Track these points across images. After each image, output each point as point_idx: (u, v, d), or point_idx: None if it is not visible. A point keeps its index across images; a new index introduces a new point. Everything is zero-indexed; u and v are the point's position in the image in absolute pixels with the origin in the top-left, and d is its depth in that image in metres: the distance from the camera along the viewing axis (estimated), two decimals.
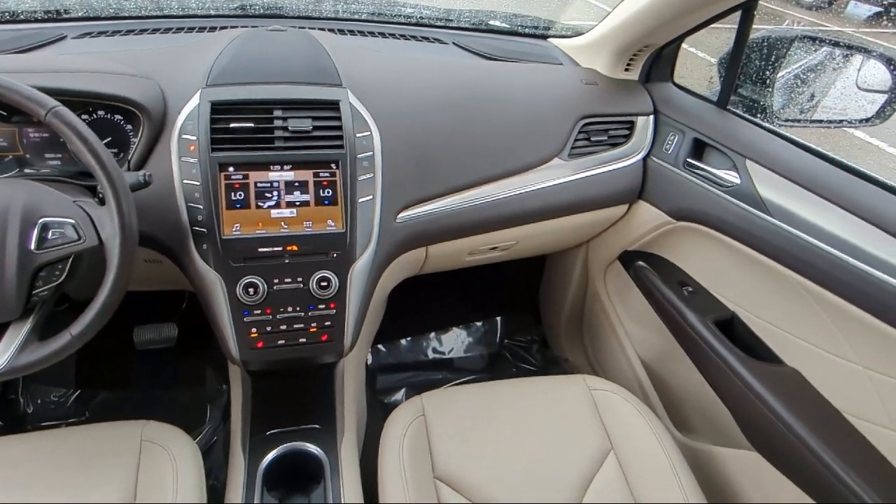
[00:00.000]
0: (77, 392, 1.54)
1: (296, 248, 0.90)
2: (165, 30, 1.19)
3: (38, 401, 1.52)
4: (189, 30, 1.20)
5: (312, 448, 1.05)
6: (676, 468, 0.98)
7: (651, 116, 1.25)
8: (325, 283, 0.90)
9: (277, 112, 0.91)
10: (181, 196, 0.88)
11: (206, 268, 0.88)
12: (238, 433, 1.09)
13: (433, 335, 1.86)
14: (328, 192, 0.92)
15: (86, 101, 0.87)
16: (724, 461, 1.11)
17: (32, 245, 0.67)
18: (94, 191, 0.80)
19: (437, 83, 1.13)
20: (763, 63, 1.19)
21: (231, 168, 0.88)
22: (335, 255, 0.91)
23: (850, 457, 0.85)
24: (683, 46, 1.23)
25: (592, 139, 1.20)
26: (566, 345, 1.76)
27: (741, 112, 1.14)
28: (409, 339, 1.83)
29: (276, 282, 0.89)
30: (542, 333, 1.89)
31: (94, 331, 0.71)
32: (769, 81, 1.20)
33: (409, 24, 1.42)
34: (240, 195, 0.88)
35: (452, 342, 1.86)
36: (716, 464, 1.12)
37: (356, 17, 1.40)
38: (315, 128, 0.92)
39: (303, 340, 0.92)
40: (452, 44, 1.34)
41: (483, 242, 1.19)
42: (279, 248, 0.89)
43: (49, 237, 0.68)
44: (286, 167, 0.90)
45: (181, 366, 1.60)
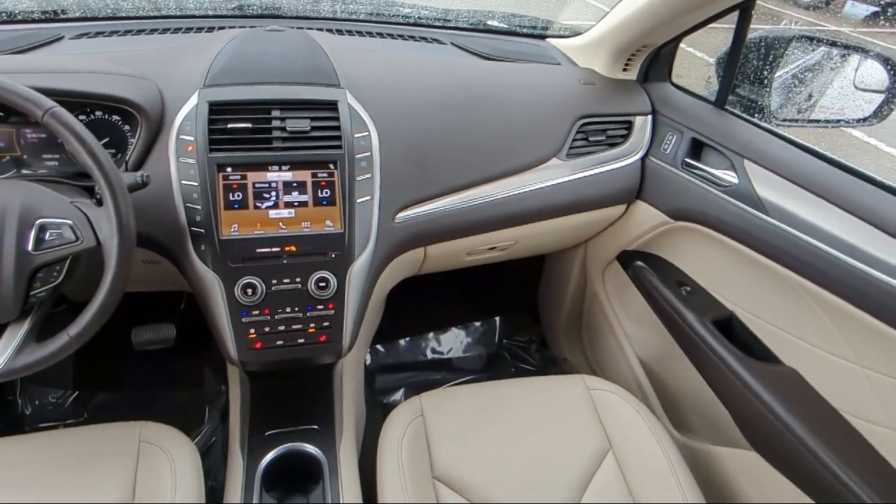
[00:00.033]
0: (75, 393, 1.54)
1: (294, 249, 0.90)
2: (163, 30, 1.19)
3: (36, 402, 1.52)
4: (187, 30, 1.19)
5: (311, 449, 1.04)
6: (675, 468, 0.99)
7: (649, 116, 1.25)
8: (324, 284, 0.90)
9: (275, 112, 0.91)
10: (179, 197, 0.87)
11: (205, 268, 0.88)
12: (237, 434, 1.08)
13: (432, 335, 1.86)
14: (326, 193, 0.91)
15: (83, 102, 0.87)
16: (723, 461, 1.11)
17: (30, 246, 0.67)
18: (92, 191, 0.80)
19: (436, 83, 1.13)
20: (761, 63, 1.19)
21: (229, 168, 0.88)
22: (333, 256, 0.91)
23: (849, 456, 0.85)
24: (681, 46, 1.23)
25: (590, 139, 1.21)
26: (565, 345, 1.76)
27: (739, 112, 1.14)
28: (408, 340, 1.83)
29: (275, 282, 0.89)
30: (541, 333, 1.89)
31: (92, 332, 0.71)
32: (767, 81, 1.20)
33: (408, 25, 1.42)
34: (238, 196, 0.88)
35: (451, 342, 1.86)
36: (714, 463, 1.13)
37: (354, 18, 1.40)
38: (313, 128, 0.92)
39: (301, 341, 0.92)
40: (451, 44, 1.34)
41: (481, 242, 1.19)
42: (277, 249, 0.89)
43: (46, 238, 0.68)
44: (284, 167, 0.90)
45: (179, 367, 1.60)
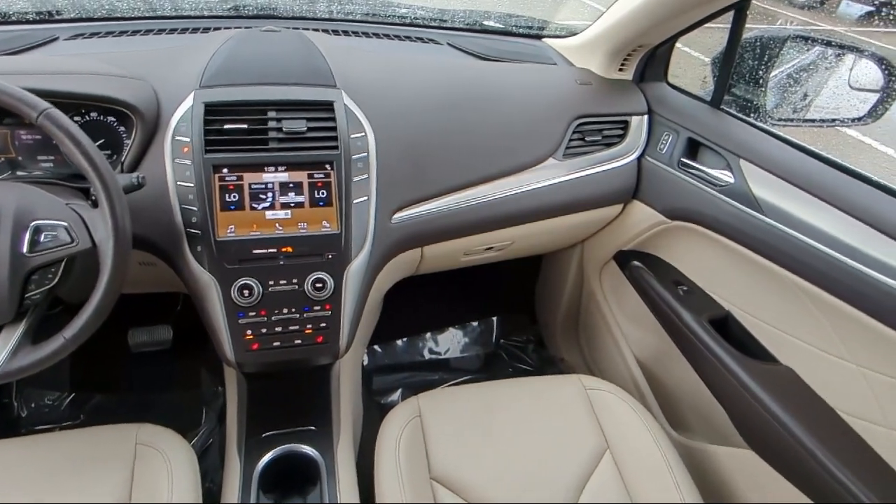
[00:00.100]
0: (71, 395, 1.53)
1: (290, 250, 0.90)
2: (158, 31, 1.18)
3: (32, 404, 1.51)
4: (182, 31, 1.19)
5: (308, 450, 1.04)
6: (672, 467, 0.99)
7: (645, 116, 1.25)
8: (321, 285, 0.90)
9: (271, 113, 0.91)
10: (175, 198, 0.87)
11: (201, 270, 0.87)
12: (234, 435, 1.08)
13: (429, 336, 1.86)
14: (323, 194, 0.91)
15: (78, 103, 0.87)
16: (720, 459, 1.11)
17: (24, 248, 0.67)
18: (87, 193, 0.79)
19: (432, 84, 1.13)
20: (756, 63, 1.19)
21: (225, 169, 0.88)
22: (330, 257, 0.91)
23: (845, 454, 0.86)
24: (677, 45, 1.23)
25: (587, 139, 1.21)
26: (562, 344, 1.76)
27: (735, 112, 1.15)
28: (405, 340, 1.83)
29: (271, 283, 0.89)
30: (538, 333, 1.89)
31: (88, 334, 0.71)
32: (762, 81, 1.21)
33: (404, 25, 1.42)
34: (234, 197, 0.88)
35: (448, 342, 1.86)
36: (711, 462, 1.13)
37: (350, 18, 1.40)
38: (309, 129, 0.92)
39: (298, 342, 0.92)
40: (447, 44, 1.34)
41: (478, 243, 1.19)
42: (274, 250, 0.89)
43: (41, 240, 0.68)
44: (280, 168, 0.90)
45: (176, 368, 1.60)
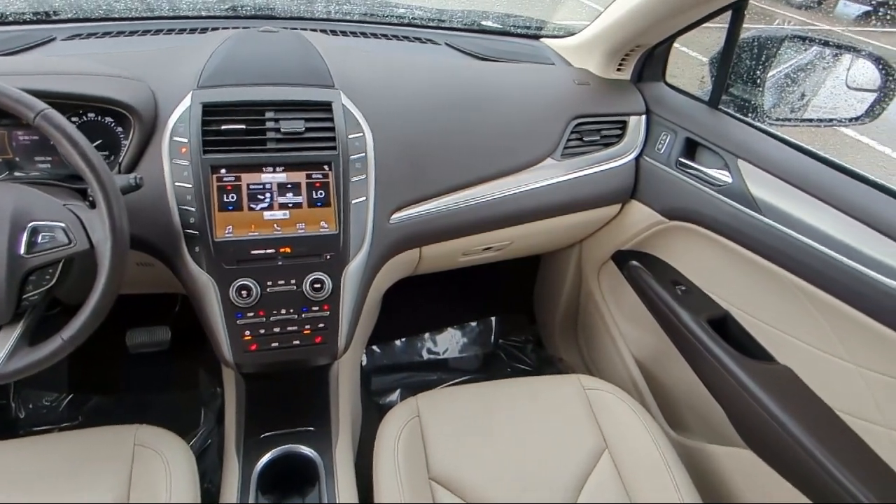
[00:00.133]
0: (69, 396, 1.53)
1: (289, 250, 0.89)
2: (156, 31, 1.18)
3: (30, 405, 1.51)
4: (180, 31, 1.19)
5: (307, 450, 1.04)
6: (671, 466, 0.99)
7: (643, 116, 1.25)
8: (319, 285, 0.90)
9: (269, 114, 0.91)
10: (173, 198, 0.87)
11: (199, 270, 0.87)
12: (232, 436, 1.08)
13: (428, 336, 1.86)
14: (321, 194, 0.91)
15: (75, 104, 0.86)
16: (718, 459, 1.11)
17: (22, 249, 0.67)
18: (85, 194, 0.79)
19: (430, 84, 1.13)
20: (754, 62, 1.20)
21: (223, 170, 0.88)
22: (328, 257, 0.91)
23: (842, 454, 0.86)
24: (675, 45, 1.23)
25: (585, 139, 1.21)
26: (560, 344, 1.76)
27: (733, 111, 1.15)
28: (404, 340, 1.83)
29: (270, 284, 0.89)
30: (537, 333, 1.89)
31: (86, 335, 0.70)
32: (760, 81, 1.21)
33: (402, 25, 1.42)
34: (232, 197, 0.88)
35: (447, 343, 1.86)
36: (710, 462, 1.13)
37: (348, 18, 1.40)
38: (307, 129, 0.91)
39: (296, 343, 0.92)
40: (445, 44, 1.34)
41: (477, 243, 1.19)
42: (272, 251, 0.89)
43: (39, 241, 0.68)
44: (278, 169, 0.90)
45: (174, 369, 1.60)
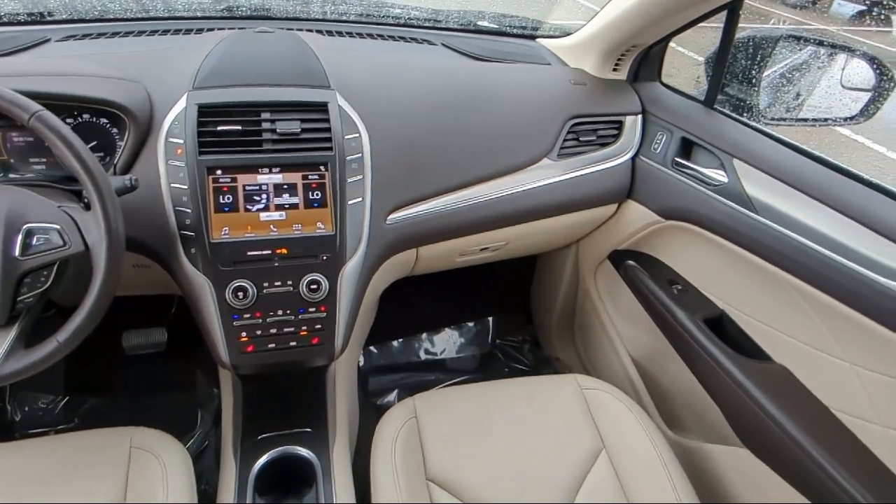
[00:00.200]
0: (65, 398, 1.52)
1: (285, 251, 0.89)
2: (151, 32, 1.18)
3: (26, 408, 1.50)
4: (175, 32, 1.18)
5: (304, 451, 1.04)
6: (667, 465, 0.99)
7: (639, 116, 1.26)
8: (315, 286, 0.90)
9: (265, 114, 0.91)
10: (169, 200, 0.87)
11: (195, 272, 0.87)
12: (229, 437, 1.08)
13: (425, 336, 1.86)
14: (317, 195, 0.91)
15: (70, 105, 0.86)
16: (715, 458, 1.12)
17: (16, 252, 0.66)
18: (80, 196, 0.79)
19: (426, 84, 1.13)
20: (749, 62, 1.20)
21: (219, 171, 0.87)
22: (325, 258, 0.91)
23: (838, 452, 0.86)
24: (671, 45, 1.24)
25: (581, 139, 1.21)
26: (557, 344, 1.76)
27: (728, 111, 1.15)
28: (401, 341, 1.83)
29: (266, 285, 0.89)
30: (534, 333, 1.90)
31: (81, 337, 0.70)
32: (755, 80, 1.21)
33: (398, 25, 1.42)
34: (228, 198, 0.88)
35: (444, 343, 1.86)
36: (706, 461, 1.13)
37: (344, 19, 1.40)
38: (303, 130, 0.91)
39: (293, 344, 0.91)
40: (441, 45, 1.34)
41: (474, 243, 1.19)
42: (268, 252, 0.89)
43: (34, 243, 0.67)
44: (275, 170, 0.90)
45: (171, 371, 1.59)
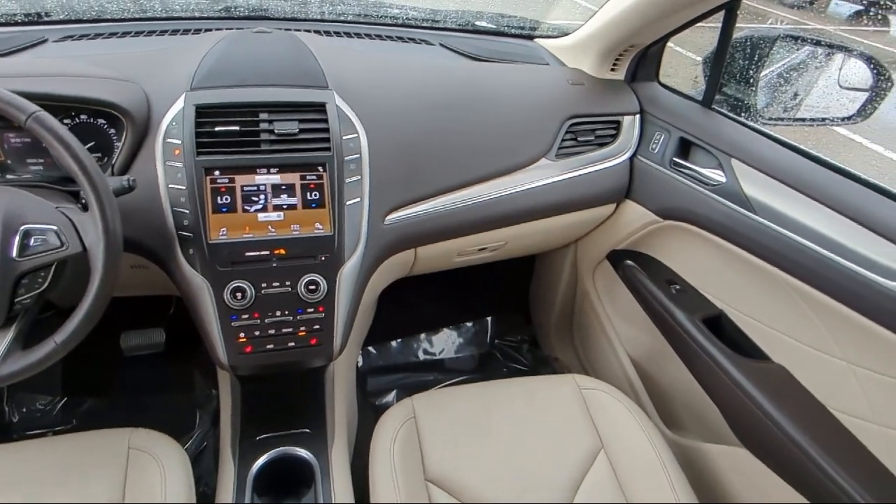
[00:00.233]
0: (63, 400, 1.52)
1: (283, 252, 0.89)
2: (149, 32, 1.17)
3: (24, 409, 1.50)
4: (173, 32, 1.18)
5: (303, 452, 1.04)
6: (666, 465, 0.99)
7: (637, 116, 1.26)
8: (314, 287, 0.90)
9: (263, 115, 0.91)
10: (166, 201, 0.87)
11: (193, 273, 0.87)
12: (228, 438, 1.08)
13: (424, 336, 1.86)
14: (315, 195, 0.91)
15: (67, 106, 0.86)
16: (713, 457, 1.12)
17: (14, 253, 0.66)
18: (78, 196, 0.79)
19: (424, 84, 1.13)
20: (747, 62, 1.20)
21: (217, 172, 0.87)
22: (323, 259, 0.91)
23: (836, 451, 0.86)
24: (668, 45, 1.24)
25: (579, 139, 1.21)
26: (556, 344, 1.76)
27: (726, 111, 1.15)
28: (400, 341, 1.83)
29: (264, 286, 0.89)
30: (533, 333, 1.90)
31: (79, 338, 0.70)
32: (753, 80, 1.21)
33: (396, 26, 1.42)
34: (226, 199, 0.88)
35: (443, 343, 1.86)
36: (705, 460, 1.13)
37: (342, 19, 1.40)
38: (301, 130, 0.91)
39: (292, 344, 0.91)
40: (439, 45, 1.34)
41: (472, 243, 1.19)
42: (266, 252, 0.89)
43: (31, 244, 0.67)
44: (273, 170, 0.90)
45: (169, 371, 1.59)
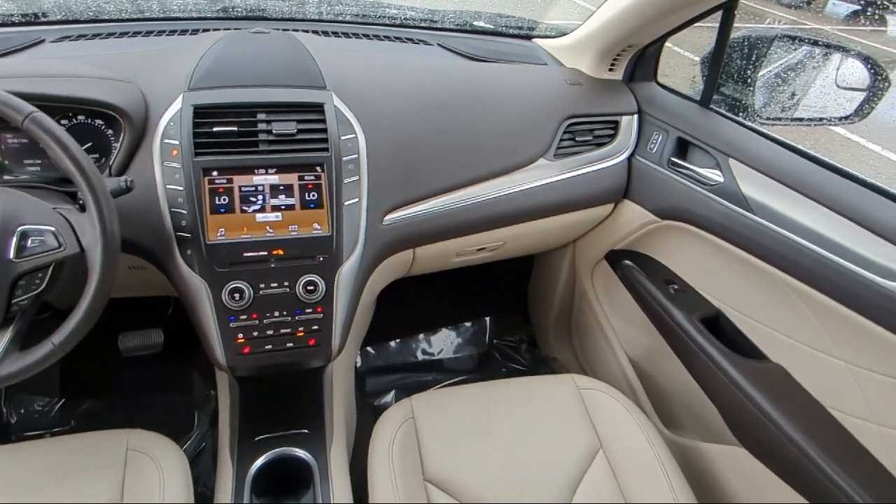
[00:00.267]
0: (62, 401, 1.52)
1: (281, 253, 0.89)
2: (146, 33, 1.17)
3: (22, 410, 1.50)
4: (170, 33, 1.18)
5: (301, 453, 1.04)
6: (664, 465, 0.99)
7: (635, 116, 1.26)
8: (312, 287, 0.89)
9: (261, 115, 0.91)
10: (164, 201, 0.87)
11: (191, 273, 0.87)
12: (226, 439, 1.07)
13: (422, 336, 1.86)
14: (313, 196, 0.91)
15: (65, 106, 0.86)
16: (712, 457, 1.12)
17: (11, 254, 0.66)
18: (75, 197, 0.79)
19: (422, 84, 1.13)
20: (744, 62, 1.20)
21: (215, 172, 0.87)
22: (321, 259, 0.91)
23: (833, 450, 0.86)
24: (666, 44, 1.24)
25: (577, 139, 1.21)
26: (555, 344, 1.76)
27: (724, 111, 1.16)
28: (399, 341, 1.83)
29: (262, 286, 0.89)
30: (531, 333, 1.90)
31: (77, 340, 0.70)
32: (751, 80, 1.21)
33: (394, 26, 1.42)
34: (224, 200, 0.88)
35: (441, 343, 1.86)
36: (703, 460, 1.13)
37: (340, 19, 1.40)
38: (299, 131, 0.91)
39: (290, 345, 0.91)
40: (437, 45, 1.33)
41: (470, 243, 1.19)
42: (265, 253, 0.88)
43: (28, 245, 0.67)
44: (271, 171, 0.90)
45: (168, 372, 1.59)
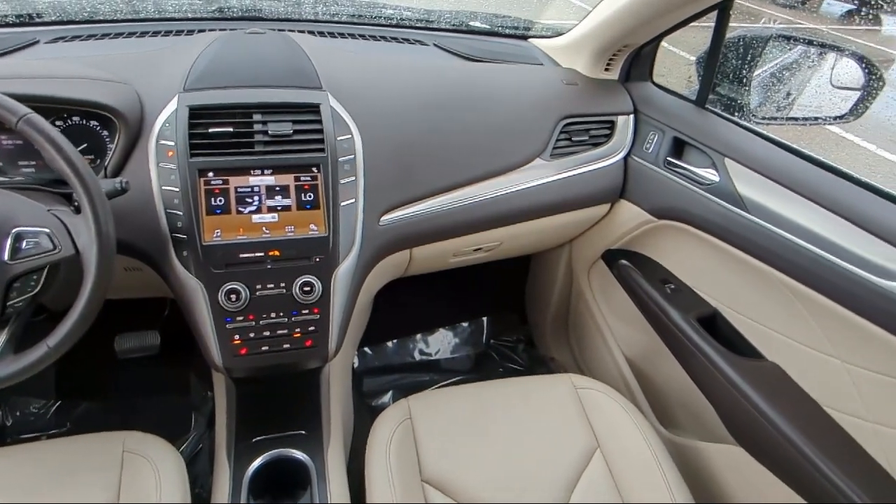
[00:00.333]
0: (57, 403, 1.51)
1: (278, 254, 0.89)
2: (141, 34, 1.17)
3: (17, 413, 1.49)
4: (166, 33, 1.18)
5: (298, 454, 1.04)
6: (661, 464, 0.99)
7: (631, 116, 1.26)
8: (309, 288, 0.89)
9: (257, 116, 0.91)
10: (160, 202, 0.86)
11: (187, 275, 0.87)
12: (223, 441, 1.07)
13: (419, 337, 1.86)
14: (310, 196, 0.91)
15: (59, 108, 0.85)
16: (709, 456, 1.12)
17: (5, 256, 0.66)
18: (70, 199, 0.78)
19: (419, 85, 1.12)
20: (740, 62, 1.21)
21: (211, 173, 0.87)
22: (318, 260, 0.91)
23: (830, 449, 0.87)
24: (662, 44, 1.24)
25: (574, 139, 1.21)
26: (552, 344, 1.77)
27: (720, 111, 1.16)
28: (396, 342, 1.83)
29: (259, 288, 0.88)
30: (528, 333, 1.90)
31: (72, 342, 0.70)
32: (746, 80, 1.22)
33: (390, 26, 1.42)
34: (220, 201, 0.87)
35: (439, 343, 1.86)
36: (700, 459, 1.14)
37: (336, 20, 1.40)
38: (295, 131, 0.91)
39: (287, 346, 0.91)
40: (433, 45, 1.33)
41: (467, 244, 1.19)
42: (261, 254, 0.88)
43: (23, 247, 0.67)
44: (267, 172, 0.89)
45: (164, 374, 1.58)
